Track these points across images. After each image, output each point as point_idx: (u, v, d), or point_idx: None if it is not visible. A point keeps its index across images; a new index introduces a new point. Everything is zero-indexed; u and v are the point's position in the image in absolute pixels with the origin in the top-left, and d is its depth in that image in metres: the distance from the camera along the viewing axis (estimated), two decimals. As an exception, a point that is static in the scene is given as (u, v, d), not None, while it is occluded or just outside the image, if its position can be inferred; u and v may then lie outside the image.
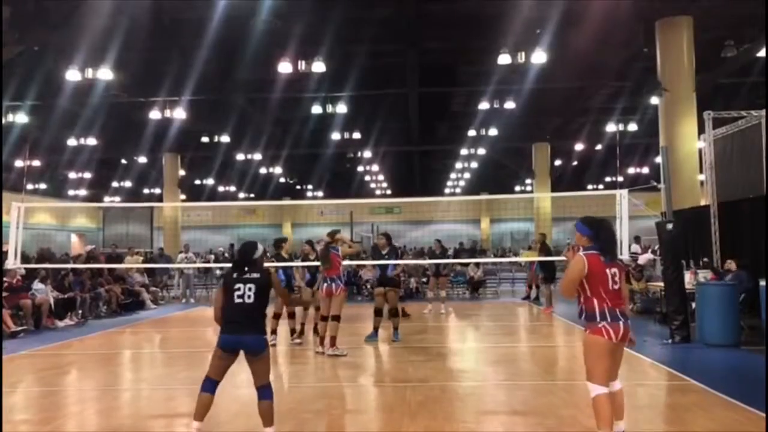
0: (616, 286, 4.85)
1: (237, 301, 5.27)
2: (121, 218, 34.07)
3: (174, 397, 7.52)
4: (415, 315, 15.06)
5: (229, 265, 11.16)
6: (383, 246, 11.15)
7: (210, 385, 5.38)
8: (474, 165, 36.91)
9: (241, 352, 5.34)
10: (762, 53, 17.24)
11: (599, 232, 4.95)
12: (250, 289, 5.27)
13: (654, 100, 16.85)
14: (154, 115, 22.76)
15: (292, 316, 11.07)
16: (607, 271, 4.83)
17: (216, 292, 5.60)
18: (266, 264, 10.89)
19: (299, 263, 11.91)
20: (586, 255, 4.85)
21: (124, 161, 34.06)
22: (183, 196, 33.65)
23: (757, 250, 10.97)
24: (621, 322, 4.80)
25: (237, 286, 5.29)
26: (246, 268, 5.38)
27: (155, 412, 6.82)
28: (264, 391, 5.34)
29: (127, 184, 38.43)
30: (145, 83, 21.00)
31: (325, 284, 9.81)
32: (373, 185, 43.34)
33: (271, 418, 5.33)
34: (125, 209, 34.83)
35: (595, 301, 4.80)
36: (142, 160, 32.14)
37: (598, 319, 4.79)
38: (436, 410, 6.51)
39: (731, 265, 11.24)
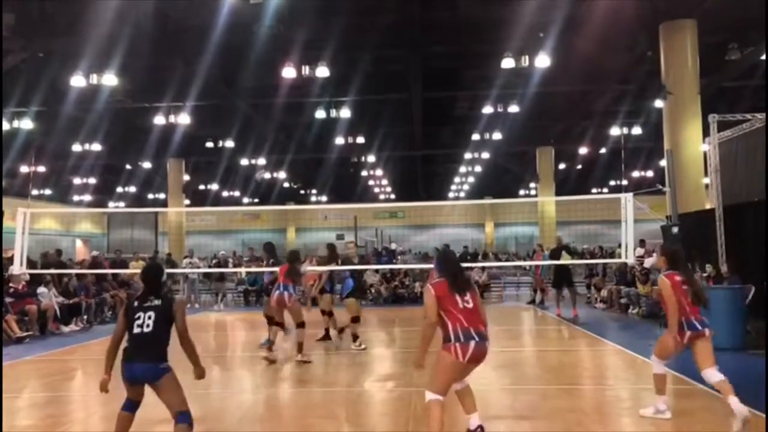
0: (469, 305, 5.12)
1: (136, 331, 5.06)
2: (126, 223, 34.12)
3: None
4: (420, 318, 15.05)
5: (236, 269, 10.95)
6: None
7: (129, 404, 5.26)
8: (478, 169, 36.90)
9: None
10: (764, 56, 17.21)
11: (442, 264, 5.38)
12: (149, 317, 5.08)
13: (658, 104, 16.83)
14: (159, 120, 22.82)
15: (329, 313, 10.98)
16: (456, 296, 5.12)
17: (118, 321, 5.31)
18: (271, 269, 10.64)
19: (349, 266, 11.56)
20: (432, 284, 5.23)
21: (128, 166, 34.13)
22: (187, 201, 33.69)
23: (763, 253, 10.92)
24: (473, 342, 5.02)
25: (137, 314, 5.09)
26: (151, 296, 5.17)
27: (161, 417, 6.81)
28: (180, 416, 5.16)
29: (132, 189, 38.50)
30: (149, 89, 21.06)
31: (278, 292, 9.60)
32: (376, 190, 43.31)
33: None
34: (130, 214, 34.91)
35: (449, 323, 5.05)
36: (147, 165, 32.21)
37: (451, 339, 5.03)
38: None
39: (723, 268, 11.25)
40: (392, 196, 44.79)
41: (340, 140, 27.43)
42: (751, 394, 6.72)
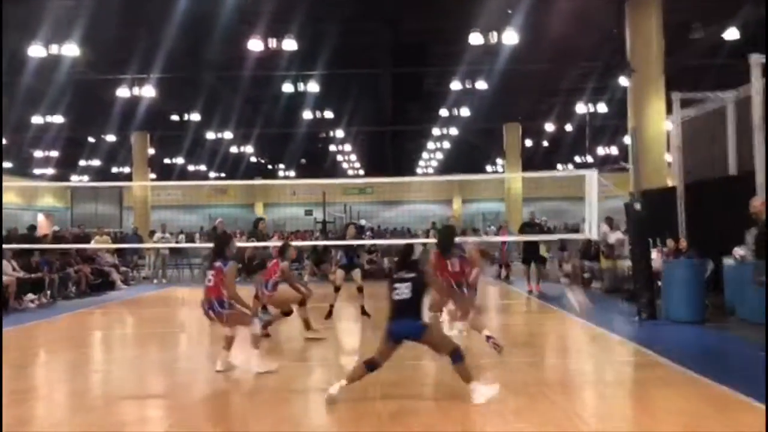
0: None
1: (395, 297, 6.06)
2: (90, 197, 33.53)
3: (146, 379, 7.50)
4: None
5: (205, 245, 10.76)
6: None
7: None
8: (446, 145, 36.98)
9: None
10: (727, 36, 17.53)
11: None
12: (407, 288, 6.03)
13: (623, 81, 17.01)
14: (122, 92, 22.34)
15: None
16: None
17: None
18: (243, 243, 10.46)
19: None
20: None
21: (91, 139, 33.44)
22: (153, 176, 33.19)
23: (722, 229, 11.19)
24: None
25: (395, 285, 6.09)
26: (404, 269, 6.17)
27: (127, 394, 6.80)
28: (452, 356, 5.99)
29: (96, 162, 37.77)
30: (112, 60, 20.57)
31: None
32: (345, 165, 43.17)
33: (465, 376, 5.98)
34: (94, 188, 34.29)
35: None
36: (111, 138, 31.61)
37: None
38: (408, 387, 6.59)
39: (682, 243, 11.53)
40: (361, 172, 44.70)
41: (308, 115, 27.21)
42: (712, 367, 6.96)
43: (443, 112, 27.79)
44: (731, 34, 17.60)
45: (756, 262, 8.07)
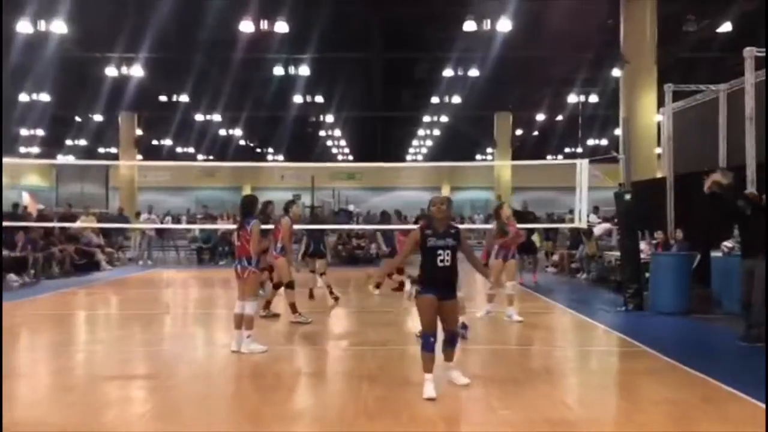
0: None
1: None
2: (76, 177, 33.19)
3: (130, 359, 7.43)
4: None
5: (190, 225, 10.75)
6: None
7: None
8: (436, 132, 36.86)
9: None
10: (719, 29, 17.54)
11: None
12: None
13: (616, 72, 16.98)
14: (111, 72, 22.06)
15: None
16: None
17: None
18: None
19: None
20: None
21: (78, 119, 33.04)
22: (140, 156, 32.90)
23: (710, 222, 11.21)
24: None
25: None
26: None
27: (110, 374, 6.73)
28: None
29: (82, 142, 37.35)
30: (101, 38, 20.27)
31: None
32: (335, 150, 42.92)
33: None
34: (80, 168, 33.94)
35: None
36: (98, 118, 31.25)
37: None
38: (395, 373, 6.57)
39: (679, 234, 11.55)
40: (350, 158, 44.49)
41: (298, 98, 27.01)
42: (696, 358, 6.98)
43: (434, 99, 27.65)
44: (724, 27, 17.61)
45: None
